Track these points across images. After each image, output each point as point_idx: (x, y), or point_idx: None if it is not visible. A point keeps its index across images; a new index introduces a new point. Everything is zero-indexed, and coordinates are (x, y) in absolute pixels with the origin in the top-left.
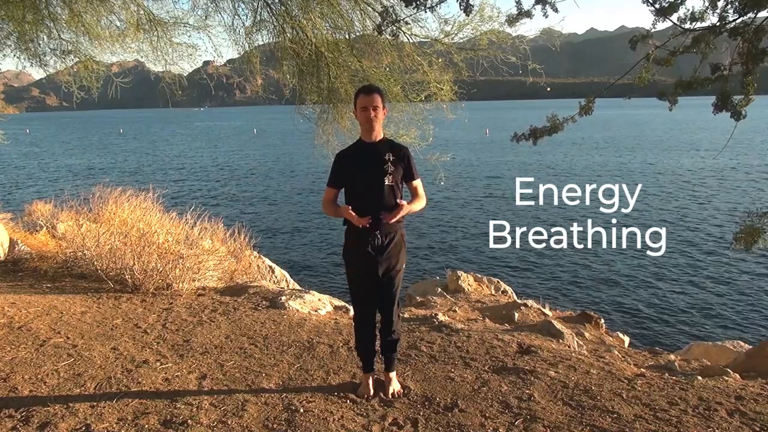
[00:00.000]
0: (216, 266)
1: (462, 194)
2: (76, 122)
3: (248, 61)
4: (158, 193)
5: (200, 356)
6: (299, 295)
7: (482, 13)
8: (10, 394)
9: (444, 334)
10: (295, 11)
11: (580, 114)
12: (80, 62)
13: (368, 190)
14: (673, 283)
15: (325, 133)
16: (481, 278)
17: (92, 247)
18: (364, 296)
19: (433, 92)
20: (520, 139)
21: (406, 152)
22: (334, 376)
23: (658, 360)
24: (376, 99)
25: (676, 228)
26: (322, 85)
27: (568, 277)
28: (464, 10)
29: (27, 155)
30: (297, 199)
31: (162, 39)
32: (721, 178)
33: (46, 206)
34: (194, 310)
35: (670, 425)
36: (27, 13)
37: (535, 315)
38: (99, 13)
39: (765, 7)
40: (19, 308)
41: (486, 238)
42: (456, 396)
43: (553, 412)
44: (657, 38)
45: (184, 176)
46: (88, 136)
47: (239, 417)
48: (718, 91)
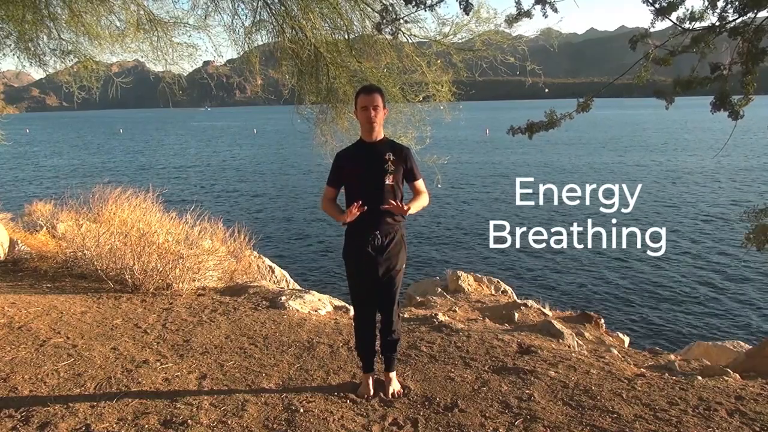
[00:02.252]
0: (216, 266)
1: (462, 194)
2: (76, 122)
3: (248, 61)
4: (158, 193)
5: (200, 356)
6: (299, 295)
7: (480, 14)
8: (10, 394)
9: (444, 334)
10: (295, 11)
11: (577, 111)
12: (80, 62)
13: (368, 190)
14: (673, 283)
15: (323, 134)
16: (481, 278)
17: (92, 247)
18: (364, 296)
19: (431, 93)
20: (516, 133)
21: (407, 152)
22: (334, 376)
23: (658, 360)
24: (377, 99)
25: (676, 228)
26: (321, 85)
27: (568, 277)
28: (464, 10)
29: (27, 155)
30: (297, 199)
31: (162, 39)
32: (721, 178)
33: (46, 206)
34: (194, 310)
35: (670, 425)
36: (27, 13)
37: (535, 315)
38: (99, 13)
39: (765, 7)
40: (19, 308)
41: (486, 238)
42: (456, 396)
43: (553, 412)
44: (656, 38)
45: (184, 176)
46: (88, 136)
47: (239, 417)
48: (717, 90)
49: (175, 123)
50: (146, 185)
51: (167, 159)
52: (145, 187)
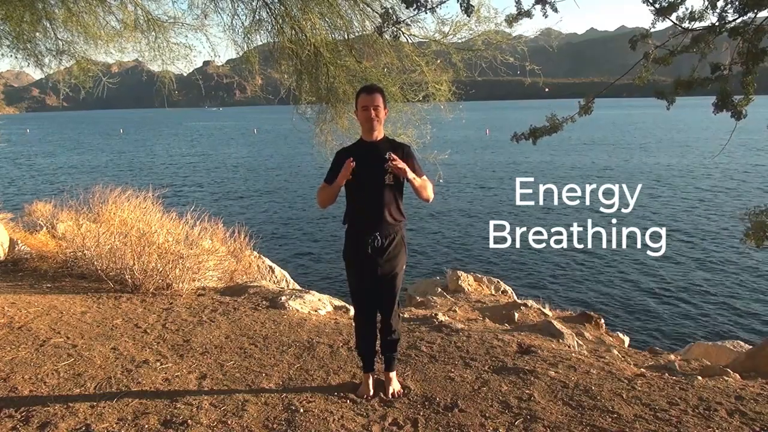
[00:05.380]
0: (216, 266)
1: (462, 194)
2: (77, 122)
3: (247, 61)
4: (158, 193)
5: (200, 356)
6: (299, 295)
7: (481, 13)
8: (10, 394)
9: (444, 334)
10: (294, 11)
11: (579, 114)
12: (78, 62)
13: (368, 189)
14: (673, 283)
15: (323, 133)
16: (481, 278)
17: (92, 247)
18: (364, 296)
19: (431, 92)
20: (519, 139)
21: (407, 150)
22: (334, 376)
23: (658, 360)
24: (377, 98)
25: (676, 228)
26: (321, 84)
27: (568, 277)
28: (465, 11)
29: (27, 155)
30: (297, 199)
31: (160, 39)
32: (721, 178)
33: (46, 206)
34: (194, 310)
35: (670, 425)
36: (25, 13)
37: (535, 315)
38: (96, 13)
39: (765, 7)
40: (19, 308)
41: (486, 238)
42: (456, 396)
43: (553, 412)
44: (657, 38)
45: (184, 176)
46: (88, 136)
47: (239, 417)
48: (718, 90)
49: (176, 123)
50: (146, 185)
51: (167, 159)
52: (145, 187)
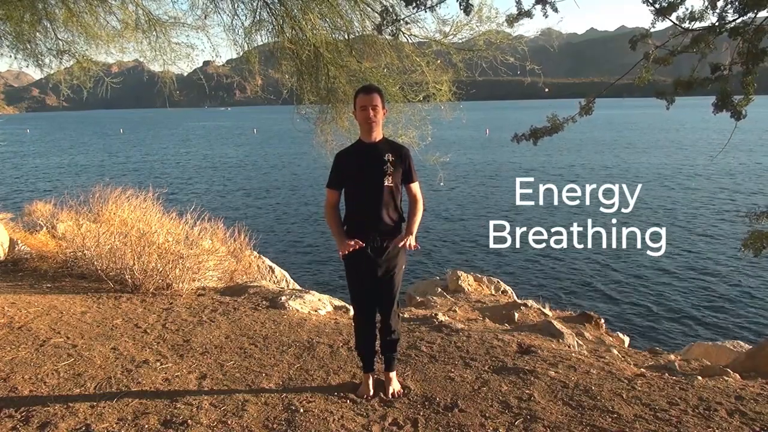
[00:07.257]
0: (216, 266)
1: (462, 194)
2: (77, 122)
3: (247, 61)
4: (158, 193)
5: (200, 356)
6: (299, 295)
7: (482, 13)
8: (10, 394)
9: (444, 334)
10: (295, 11)
11: (580, 114)
12: (78, 62)
13: (368, 191)
14: (673, 283)
15: (323, 133)
16: (481, 278)
17: (92, 247)
18: (363, 297)
19: (431, 93)
20: (520, 140)
21: (406, 152)
22: (334, 376)
23: (658, 360)
24: (376, 99)
25: (676, 228)
26: (321, 85)
27: (568, 277)
28: (464, 10)
29: (27, 155)
30: (297, 199)
31: (161, 39)
32: (721, 178)
33: (46, 206)
34: (194, 310)
35: (670, 425)
36: (25, 13)
37: (535, 315)
38: (97, 13)
39: (765, 7)
40: (19, 308)
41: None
42: (456, 396)
43: (553, 412)
44: (656, 38)
45: (184, 176)
46: (88, 136)
47: (239, 417)
48: (718, 90)
49: (176, 123)
50: (146, 185)
51: (167, 159)
52: (145, 187)
